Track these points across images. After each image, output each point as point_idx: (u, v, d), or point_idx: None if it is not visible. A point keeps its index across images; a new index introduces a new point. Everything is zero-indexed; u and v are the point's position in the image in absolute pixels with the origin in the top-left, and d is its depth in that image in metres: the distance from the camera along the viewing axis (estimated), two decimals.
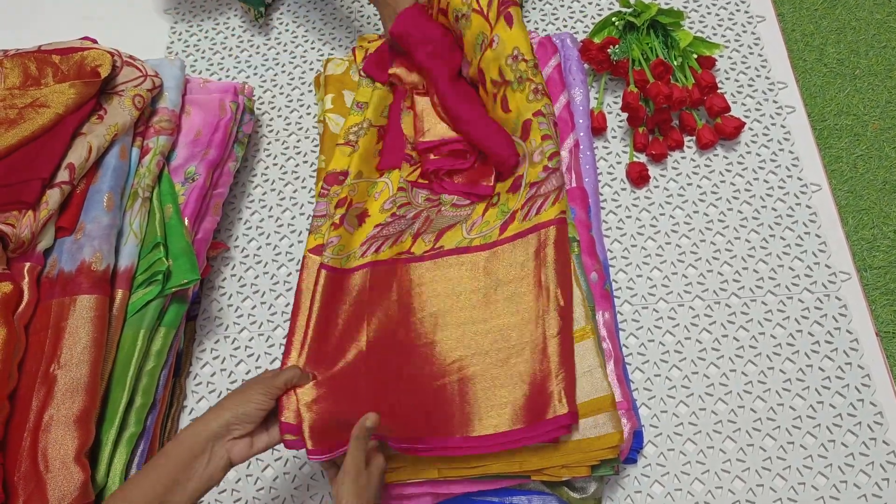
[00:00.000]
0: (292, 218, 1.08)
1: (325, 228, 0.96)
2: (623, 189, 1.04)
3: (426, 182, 1.01)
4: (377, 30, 1.25)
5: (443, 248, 0.92)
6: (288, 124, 1.17)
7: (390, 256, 0.93)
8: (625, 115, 1.09)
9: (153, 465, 0.66)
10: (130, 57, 1.03)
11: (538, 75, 0.97)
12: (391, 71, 1.08)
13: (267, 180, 1.12)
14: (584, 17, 1.21)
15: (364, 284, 0.92)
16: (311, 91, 1.20)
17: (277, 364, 0.97)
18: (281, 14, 1.29)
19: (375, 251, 0.94)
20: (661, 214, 1.02)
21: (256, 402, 0.71)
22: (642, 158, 1.06)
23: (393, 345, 0.87)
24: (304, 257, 0.94)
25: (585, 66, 1.12)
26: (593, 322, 0.86)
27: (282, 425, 0.75)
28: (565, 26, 1.21)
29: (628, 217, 1.02)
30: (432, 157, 1.01)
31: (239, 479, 0.90)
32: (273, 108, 1.19)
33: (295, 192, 1.10)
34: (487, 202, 0.96)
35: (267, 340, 0.99)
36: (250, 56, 1.25)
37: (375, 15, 1.26)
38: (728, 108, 1.04)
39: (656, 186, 1.04)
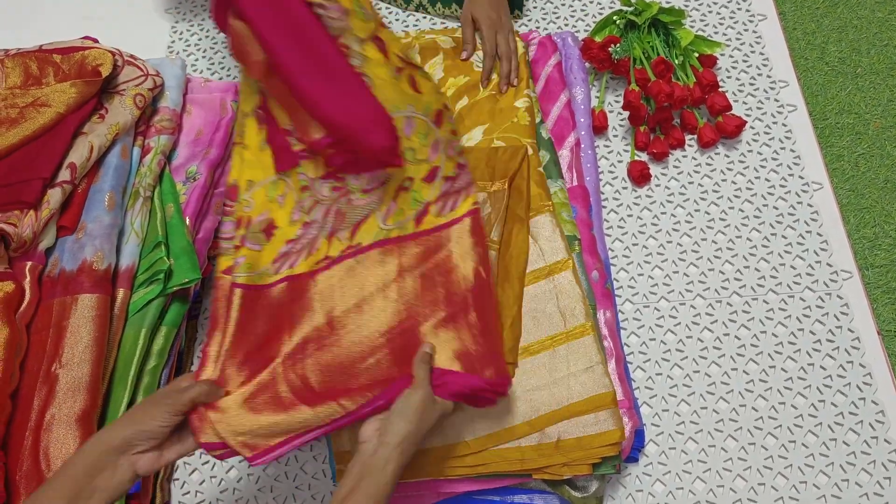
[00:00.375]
0: None
1: (231, 250, 0.86)
2: (624, 188, 1.04)
3: (330, 170, 0.88)
4: None
5: (361, 245, 0.86)
6: None
7: (307, 270, 0.85)
8: (626, 114, 1.09)
9: (55, 478, 0.64)
10: (131, 56, 1.03)
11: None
12: (231, 22, 0.85)
13: None
14: (586, 15, 1.21)
15: (282, 298, 0.84)
16: None
17: None
18: None
19: (290, 266, 0.86)
20: (662, 213, 1.02)
21: (160, 420, 0.66)
22: (644, 157, 1.06)
23: (318, 348, 0.81)
24: (216, 278, 0.83)
25: (587, 64, 1.12)
26: (594, 320, 0.86)
27: (204, 446, 0.71)
28: (566, 25, 1.21)
29: (629, 216, 1.02)
30: (331, 151, 0.86)
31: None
32: None
33: None
34: (398, 185, 0.87)
35: None
36: None
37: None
38: (729, 107, 1.04)
39: (657, 185, 1.04)
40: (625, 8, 1.12)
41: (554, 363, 0.85)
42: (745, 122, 1.04)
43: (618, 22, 1.12)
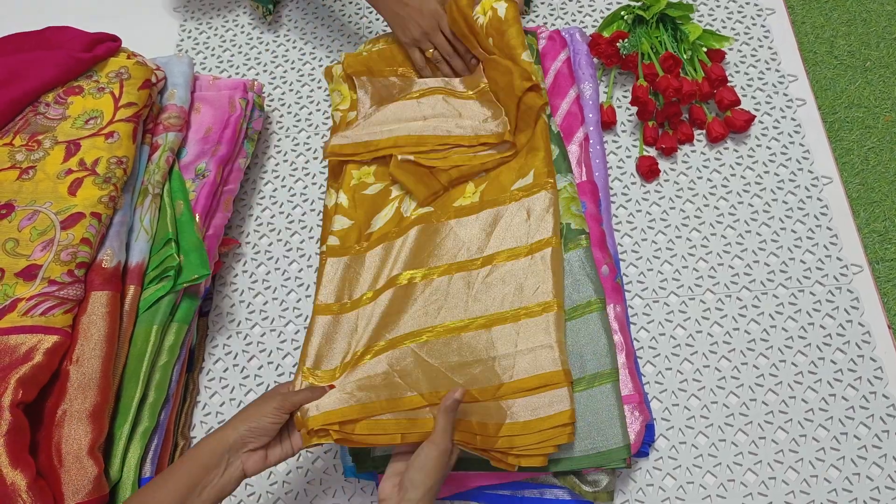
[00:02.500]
0: (303, 214, 1.08)
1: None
2: (633, 183, 1.04)
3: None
4: (386, 29, 1.24)
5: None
6: (297, 121, 1.18)
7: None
8: (634, 109, 1.09)
9: (171, 472, 0.68)
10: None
11: None
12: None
13: (277, 176, 1.13)
14: (594, 11, 1.21)
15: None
16: (320, 87, 1.20)
17: (290, 360, 0.97)
18: (290, 11, 1.29)
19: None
20: (671, 208, 1.02)
21: (271, 416, 0.71)
22: (652, 152, 1.06)
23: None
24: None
25: (595, 60, 1.11)
26: (561, 299, 0.86)
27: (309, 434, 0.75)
28: (574, 20, 1.21)
29: (638, 211, 1.02)
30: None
31: None
32: (283, 105, 1.19)
33: (305, 188, 1.11)
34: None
35: (279, 336, 0.99)
36: (259, 53, 1.25)
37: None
38: (738, 102, 1.03)
39: (666, 180, 1.04)
40: (633, 3, 1.12)
41: (506, 337, 0.84)
42: (754, 116, 1.04)
43: (626, 17, 1.12)
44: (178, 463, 0.68)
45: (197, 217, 0.96)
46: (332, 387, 0.80)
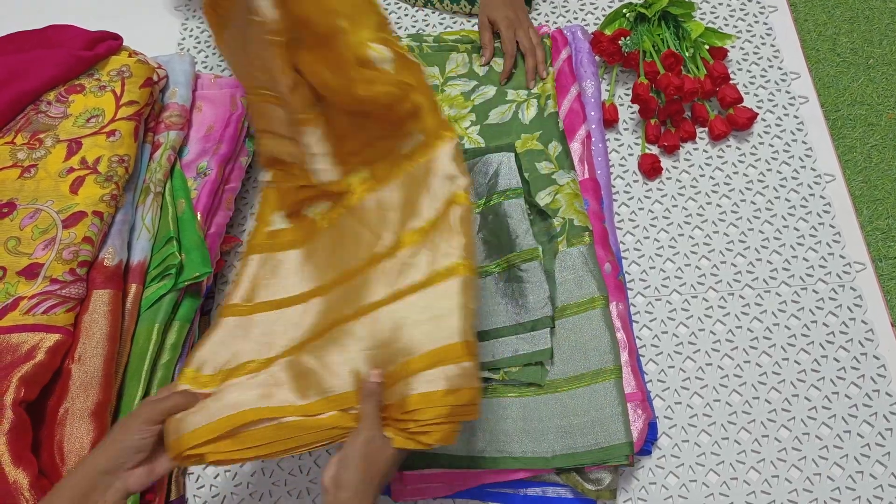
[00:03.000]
0: None
1: None
2: (635, 181, 1.04)
3: None
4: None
5: None
6: None
7: None
8: (636, 107, 1.08)
9: (47, 502, 0.64)
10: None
11: None
12: None
13: None
14: (595, 9, 1.21)
15: None
16: None
17: None
18: None
19: None
20: (673, 206, 1.02)
21: (138, 432, 0.66)
22: (654, 150, 1.06)
23: None
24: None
25: (596, 58, 1.11)
26: (471, 260, 0.71)
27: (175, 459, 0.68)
28: (576, 18, 1.20)
29: (641, 209, 1.02)
30: None
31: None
32: None
33: None
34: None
35: None
36: None
37: (387, 8, 1.26)
38: (740, 99, 1.03)
39: (668, 178, 1.04)
40: (634, 1, 1.12)
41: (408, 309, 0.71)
42: (757, 114, 1.03)
43: (627, 15, 1.12)
44: (53, 490, 0.64)
45: (198, 215, 0.96)
46: (206, 395, 0.70)
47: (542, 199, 0.95)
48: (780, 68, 1.10)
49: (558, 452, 0.81)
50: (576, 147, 1.00)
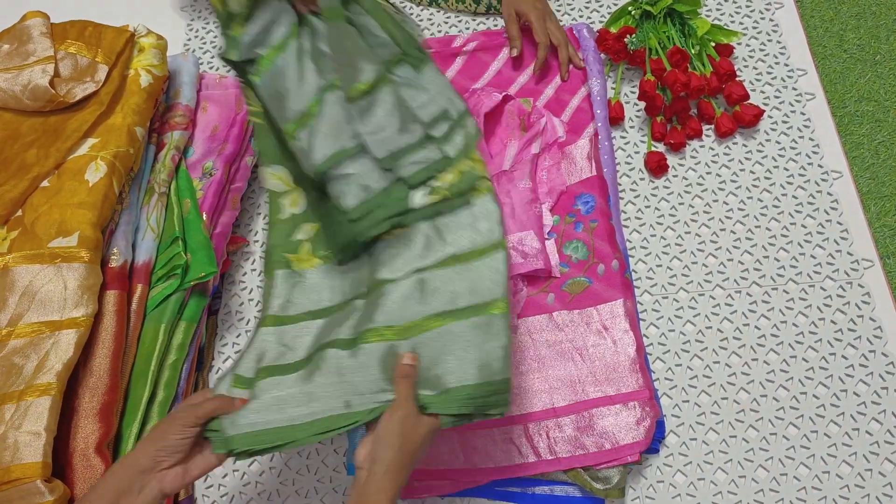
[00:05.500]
0: None
1: None
2: (641, 179, 1.04)
3: None
4: None
5: None
6: None
7: None
8: (642, 105, 1.08)
9: (84, 500, 0.65)
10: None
11: None
12: None
13: None
14: (601, 6, 1.21)
15: None
16: None
17: None
18: None
19: None
20: (680, 204, 1.01)
21: (178, 433, 0.67)
22: (661, 148, 1.06)
23: None
24: None
25: (602, 56, 1.11)
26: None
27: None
28: (581, 16, 1.20)
29: (647, 207, 1.02)
30: None
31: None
32: None
33: None
34: None
35: None
36: None
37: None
38: (747, 96, 1.03)
39: (675, 176, 1.04)
40: None
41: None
42: (763, 111, 1.03)
43: (633, 12, 1.11)
44: (92, 489, 0.66)
45: (204, 215, 0.96)
46: (243, 401, 0.71)
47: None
48: (787, 65, 1.10)
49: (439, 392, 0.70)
50: (584, 144, 1.00)
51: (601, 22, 1.19)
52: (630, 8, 1.11)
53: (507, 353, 0.69)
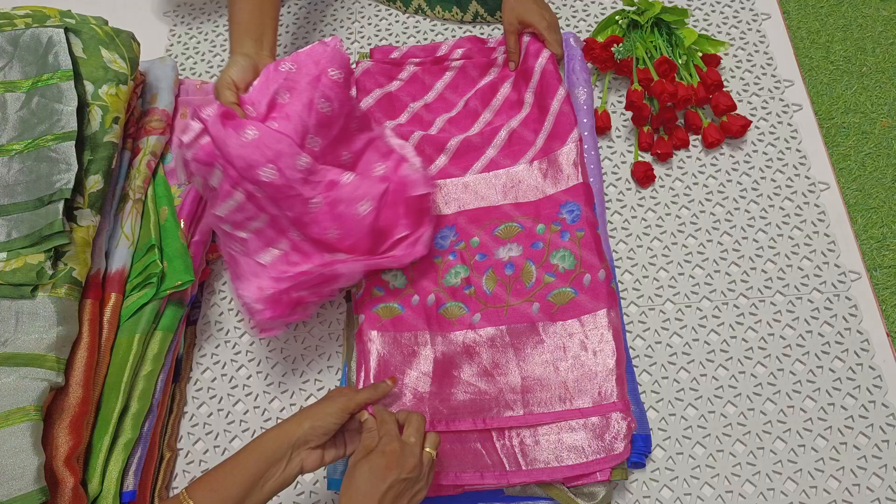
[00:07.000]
0: None
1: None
2: (628, 189, 1.03)
3: None
4: (378, 33, 1.23)
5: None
6: None
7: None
8: (629, 115, 1.07)
9: (237, 461, 0.69)
10: None
11: None
12: None
13: None
14: (588, 15, 1.20)
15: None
16: None
17: (280, 368, 0.95)
18: (281, 16, 1.28)
19: None
20: (666, 214, 1.00)
21: (336, 416, 0.72)
22: (647, 158, 1.05)
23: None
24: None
25: (589, 65, 1.10)
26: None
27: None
28: (568, 25, 1.19)
29: (634, 217, 1.01)
30: None
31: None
32: None
33: None
34: None
35: (268, 344, 0.97)
36: None
37: (377, 15, 1.25)
38: (734, 107, 1.02)
39: (662, 186, 1.03)
40: (627, 7, 1.11)
41: None
42: (750, 121, 1.02)
43: (620, 22, 1.11)
44: (243, 453, 0.69)
45: (182, 223, 0.94)
46: (393, 380, 0.81)
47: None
48: (774, 76, 1.09)
49: None
50: (570, 148, 0.99)
51: (588, 31, 1.18)
52: (617, 17, 1.11)
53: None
